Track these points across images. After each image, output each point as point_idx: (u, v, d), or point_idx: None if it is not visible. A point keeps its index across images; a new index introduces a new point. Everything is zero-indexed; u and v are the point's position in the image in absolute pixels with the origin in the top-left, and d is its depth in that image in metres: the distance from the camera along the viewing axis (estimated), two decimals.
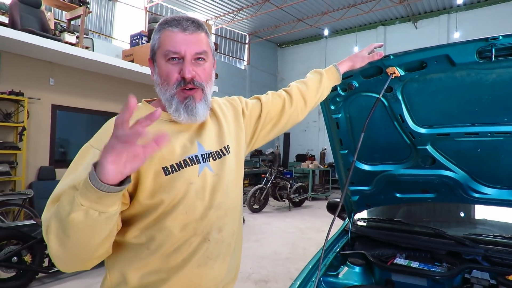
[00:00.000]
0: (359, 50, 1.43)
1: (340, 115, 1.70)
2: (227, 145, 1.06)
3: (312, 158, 13.69)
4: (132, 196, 0.89)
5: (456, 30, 11.59)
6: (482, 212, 2.05)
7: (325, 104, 1.70)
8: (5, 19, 4.87)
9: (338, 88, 1.58)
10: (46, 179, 5.36)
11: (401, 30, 12.91)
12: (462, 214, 2.14)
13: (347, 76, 1.50)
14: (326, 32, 13.61)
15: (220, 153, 1.03)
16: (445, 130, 1.55)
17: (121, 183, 0.69)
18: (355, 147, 1.81)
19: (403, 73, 1.40)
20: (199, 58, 0.95)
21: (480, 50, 1.21)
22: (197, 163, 0.96)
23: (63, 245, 0.74)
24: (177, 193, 0.90)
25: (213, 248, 0.96)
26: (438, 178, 1.76)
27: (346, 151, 1.84)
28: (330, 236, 2.07)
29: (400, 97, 1.51)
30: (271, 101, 1.24)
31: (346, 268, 1.74)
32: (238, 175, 1.10)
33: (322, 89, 1.35)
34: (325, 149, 13.87)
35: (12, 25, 4.60)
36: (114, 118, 0.92)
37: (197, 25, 0.95)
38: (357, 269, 1.72)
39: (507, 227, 1.98)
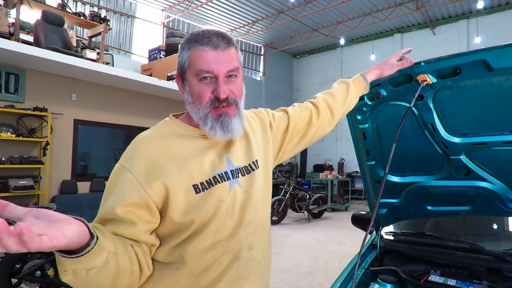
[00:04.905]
0: (375, 58, 1.37)
1: (367, 125, 1.64)
2: (256, 160, 1.03)
3: (330, 168, 13.50)
4: (163, 214, 0.87)
5: (477, 35, 11.31)
6: None
7: (351, 114, 1.64)
8: (30, 38, 5.06)
9: (365, 98, 1.52)
10: (68, 193, 5.47)
11: (418, 36, 12.72)
12: (499, 227, 2.01)
13: (375, 85, 1.44)
14: (342, 41, 13.55)
15: (249, 168, 1.01)
16: (481, 139, 1.46)
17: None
18: (383, 158, 1.75)
19: (435, 80, 1.33)
20: (231, 75, 0.92)
21: None
22: (227, 180, 0.93)
23: None
24: (208, 211, 0.88)
25: (243, 267, 0.93)
26: (474, 190, 1.66)
27: (374, 162, 1.76)
28: (356, 251, 1.99)
29: (431, 105, 1.44)
30: (298, 113, 1.21)
31: (376, 286, 1.64)
32: (267, 190, 1.07)
33: (350, 99, 1.31)
34: (343, 158, 13.67)
35: (36, 43, 4.78)
36: (142, 133, 0.92)
37: (227, 41, 0.91)
38: (388, 286, 1.62)
39: None
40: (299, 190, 8.72)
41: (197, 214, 0.87)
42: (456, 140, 1.51)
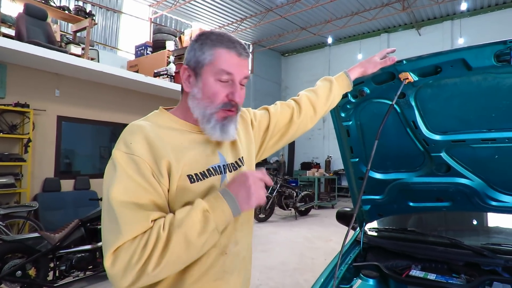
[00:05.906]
0: (363, 58, 1.39)
1: (350, 123, 1.66)
2: (242, 157, 1.06)
3: (318, 166, 13.59)
4: None
5: (460, 36, 11.56)
6: (500, 220, 1.98)
7: (335, 112, 1.66)
8: (12, 32, 4.93)
9: (349, 95, 1.54)
10: (51, 191, 5.35)
11: (404, 37, 12.90)
12: (478, 223, 2.06)
13: (358, 83, 1.45)
14: (329, 40, 13.63)
15: (236, 165, 1.03)
16: (461, 136, 1.50)
17: None
18: (367, 155, 1.77)
19: (416, 79, 1.35)
20: (242, 83, 0.97)
21: (498, 54, 1.16)
22: (220, 174, 0.96)
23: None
24: None
25: (230, 261, 0.96)
26: (454, 186, 1.70)
27: (357, 159, 1.79)
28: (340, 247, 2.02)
29: (413, 103, 1.47)
30: (280, 111, 1.24)
31: (359, 281, 1.67)
32: None
33: (333, 97, 1.32)
34: (330, 156, 13.78)
35: (18, 37, 4.65)
36: (136, 122, 0.91)
37: (247, 52, 0.97)
38: (371, 281, 1.65)
39: None
40: (286, 187, 8.76)
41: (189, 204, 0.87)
42: (437, 137, 1.55)
